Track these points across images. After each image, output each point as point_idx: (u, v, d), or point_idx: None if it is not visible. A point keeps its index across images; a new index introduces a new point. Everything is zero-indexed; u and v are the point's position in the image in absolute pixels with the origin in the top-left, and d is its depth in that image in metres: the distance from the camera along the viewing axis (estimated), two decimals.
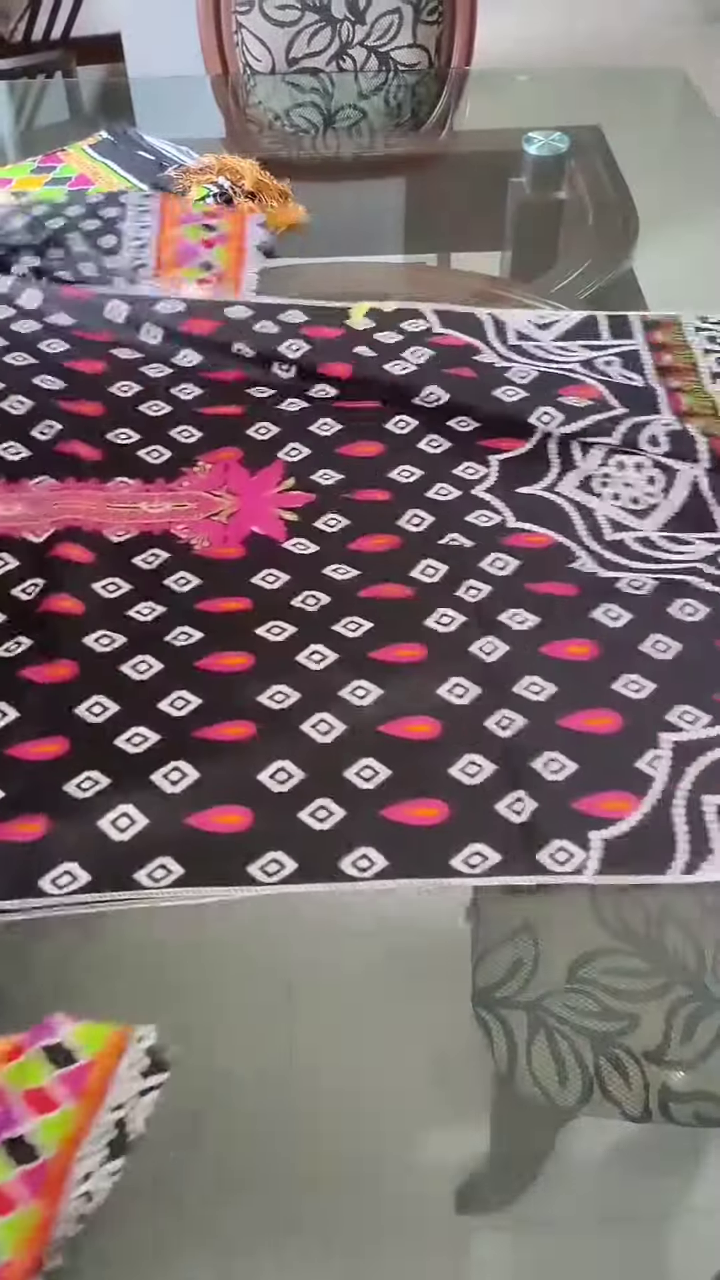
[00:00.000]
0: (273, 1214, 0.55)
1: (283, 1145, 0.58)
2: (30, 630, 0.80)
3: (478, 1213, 0.58)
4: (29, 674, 0.76)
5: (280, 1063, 0.61)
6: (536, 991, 0.62)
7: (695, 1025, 0.61)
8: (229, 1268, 0.55)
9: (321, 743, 0.73)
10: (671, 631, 0.80)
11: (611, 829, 0.69)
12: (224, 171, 1.30)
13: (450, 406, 0.99)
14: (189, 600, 0.83)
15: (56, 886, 0.65)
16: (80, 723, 0.74)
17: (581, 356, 1.06)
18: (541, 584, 0.84)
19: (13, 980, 0.65)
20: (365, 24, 1.67)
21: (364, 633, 0.81)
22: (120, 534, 0.88)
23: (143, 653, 0.79)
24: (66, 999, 0.64)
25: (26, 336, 1.07)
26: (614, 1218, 0.56)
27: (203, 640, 0.80)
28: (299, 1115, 0.59)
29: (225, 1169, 0.58)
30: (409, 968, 0.66)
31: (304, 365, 1.02)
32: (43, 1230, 0.52)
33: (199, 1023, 0.63)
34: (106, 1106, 0.55)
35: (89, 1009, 0.61)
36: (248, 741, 0.73)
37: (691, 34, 3.25)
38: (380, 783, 0.71)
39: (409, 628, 0.81)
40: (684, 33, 3.24)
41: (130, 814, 0.69)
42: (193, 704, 0.75)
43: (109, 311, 1.08)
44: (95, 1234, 0.54)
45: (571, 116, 1.46)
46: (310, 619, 0.82)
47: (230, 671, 0.78)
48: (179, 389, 1.02)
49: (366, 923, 0.64)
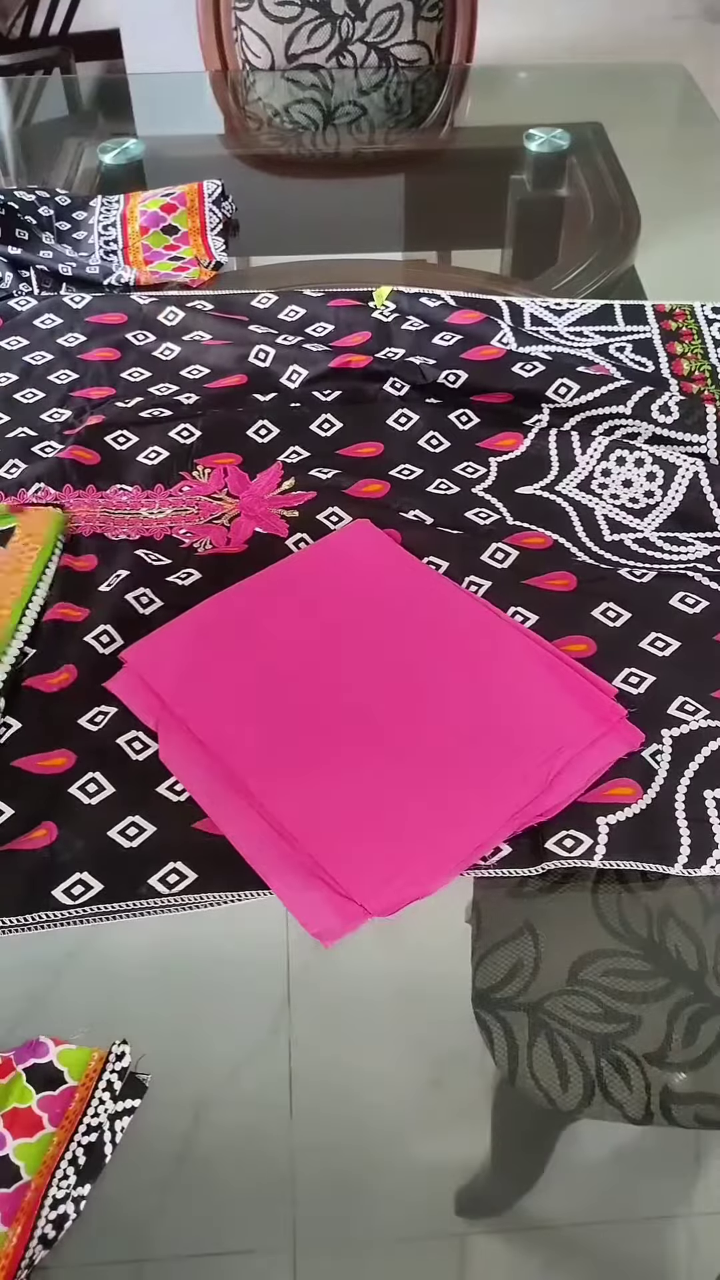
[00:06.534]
0: (273, 1215, 0.55)
1: (283, 1146, 0.58)
2: (33, 640, 0.80)
3: (478, 1214, 0.57)
4: (34, 684, 0.76)
5: (280, 1064, 0.61)
6: (537, 993, 0.62)
7: (697, 1027, 0.61)
8: (230, 1268, 0.55)
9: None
10: (671, 629, 0.80)
11: (618, 814, 0.69)
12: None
13: (467, 387, 0.99)
14: (191, 595, 0.83)
15: (70, 896, 0.65)
16: (83, 731, 0.74)
17: (595, 342, 1.06)
18: (540, 581, 0.84)
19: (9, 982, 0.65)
20: (365, 20, 1.67)
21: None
22: (121, 539, 0.88)
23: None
24: (65, 1003, 0.64)
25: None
26: (614, 1219, 0.56)
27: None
28: (299, 1116, 0.59)
29: (225, 1170, 0.58)
30: (409, 969, 0.66)
31: (328, 343, 1.05)
32: (14, 1255, 0.52)
33: (199, 1024, 0.63)
34: (79, 1131, 0.55)
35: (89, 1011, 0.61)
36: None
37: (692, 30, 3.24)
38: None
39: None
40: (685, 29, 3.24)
41: (139, 823, 0.69)
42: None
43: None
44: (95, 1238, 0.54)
45: (572, 113, 1.46)
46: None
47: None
48: (183, 396, 1.02)
49: (366, 924, 0.64)
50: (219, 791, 0.70)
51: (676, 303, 1.12)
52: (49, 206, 1.21)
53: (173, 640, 0.78)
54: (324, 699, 0.74)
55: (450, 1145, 0.60)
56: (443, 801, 0.68)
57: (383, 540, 0.86)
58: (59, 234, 1.20)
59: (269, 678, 0.76)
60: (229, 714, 0.73)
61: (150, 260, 1.19)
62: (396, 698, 0.74)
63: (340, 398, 1.01)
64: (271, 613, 0.80)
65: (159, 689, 0.75)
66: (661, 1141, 0.59)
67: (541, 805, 0.68)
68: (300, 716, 0.73)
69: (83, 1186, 0.54)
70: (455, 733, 0.72)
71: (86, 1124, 0.56)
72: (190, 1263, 0.54)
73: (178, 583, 0.84)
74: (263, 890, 0.66)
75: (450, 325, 1.05)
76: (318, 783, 0.69)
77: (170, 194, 1.24)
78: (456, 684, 0.75)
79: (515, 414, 0.98)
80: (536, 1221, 0.57)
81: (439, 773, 0.70)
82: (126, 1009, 0.63)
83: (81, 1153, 0.55)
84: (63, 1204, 0.53)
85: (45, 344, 1.07)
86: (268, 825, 0.67)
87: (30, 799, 0.70)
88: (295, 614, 0.80)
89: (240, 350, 1.04)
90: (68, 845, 0.67)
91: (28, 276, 1.15)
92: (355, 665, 0.76)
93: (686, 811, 0.69)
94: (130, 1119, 0.57)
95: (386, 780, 0.69)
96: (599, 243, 1.25)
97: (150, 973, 0.66)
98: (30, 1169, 0.54)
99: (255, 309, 1.11)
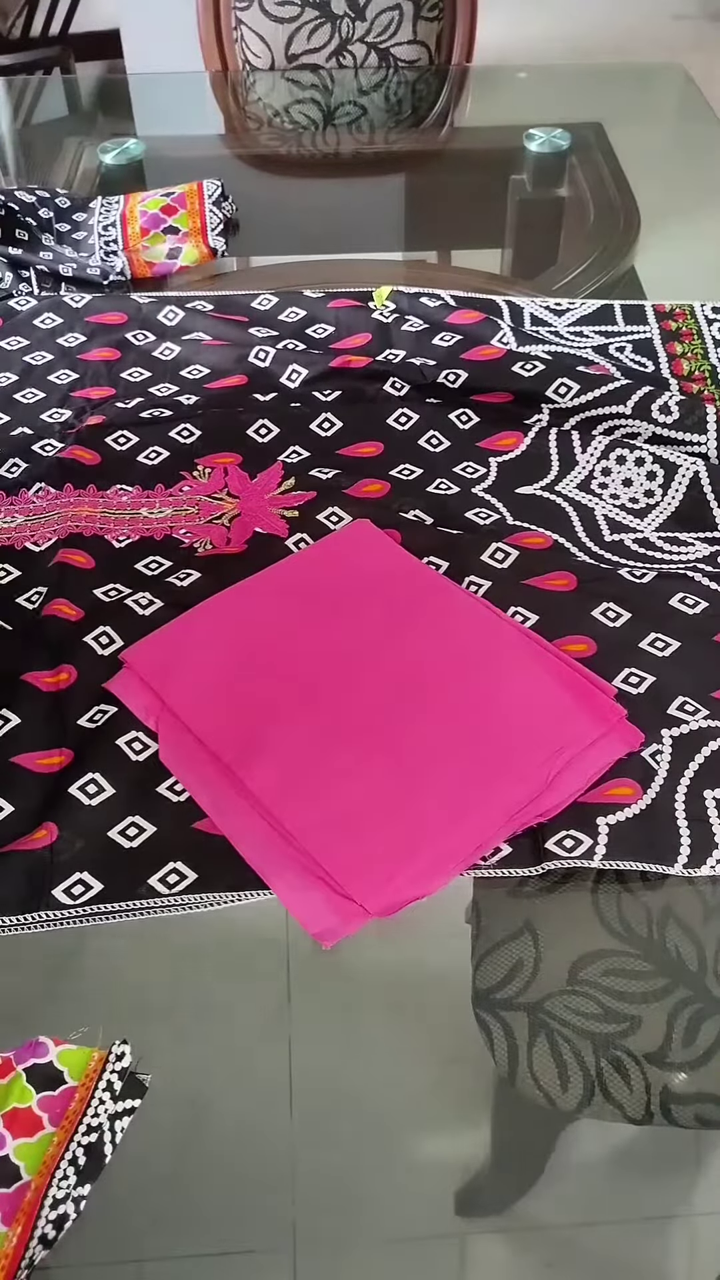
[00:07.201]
0: (273, 1215, 0.55)
1: (283, 1146, 0.58)
2: (34, 638, 0.80)
3: (478, 1214, 0.57)
4: (31, 679, 0.76)
5: (280, 1064, 0.61)
6: (537, 993, 0.62)
7: (697, 1027, 0.61)
8: (230, 1268, 0.55)
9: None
10: (671, 629, 0.80)
11: (618, 814, 0.69)
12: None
13: (467, 386, 0.99)
14: (191, 595, 0.83)
15: (70, 896, 0.65)
16: (82, 731, 0.74)
17: (595, 342, 1.06)
18: (540, 581, 0.84)
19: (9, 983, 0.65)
20: (365, 20, 1.67)
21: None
22: (122, 539, 0.88)
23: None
24: (65, 1003, 0.64)
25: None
26: (614, 1219, 0.56)
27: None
28: (299, 1116, 0.59)
29: (225, 1170, 0.58)
30: (409, 969, 0.66)
31: (327, 345, 1.04)
32: (14, 1255, 0.52)
33: (199, 1024, 0.63)
34: (79, 1131, 0.55)
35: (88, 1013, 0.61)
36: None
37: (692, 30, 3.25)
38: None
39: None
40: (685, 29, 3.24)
41: (139, 823, 0.69)
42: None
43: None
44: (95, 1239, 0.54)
45: (572, 113, 1.45)
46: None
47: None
48: (183, 396, 1.02)
49: (366, 924, 0.64)
50: (219, 791, 0.70)
51: (676, 303, 1.12)
52: (49, 208, 1.21)
53: (173, 641, 0.78)
54: (324, 699, 0.74)
55: (450, 1145, 0.60)
56: (443, 801, 0.68)
57: (383, 540, 0.86)
58: (59, 235, 1.20)
59: (269, 678, 0.75)
60: (229, 714, 0.73)
61: (151, 264, 1.19)
62: (396, 698, 0.74)
63: (340, 397, 1.01)
64: (271, 613, 0.80)
65: (159, 689, 0.75)
66: (661, 1141, 0.59)
67: (541, 805, 0.68)
68: (300, 717, 0.73)
69: (83, 1186, 0.54)
70: (455, 733, 0.72)
71: (86, 1124, 0.56)
72: (190, 1263, 0.54)
73: (177, 583, 0.84)
74: (263, 890, 0.66)
75: (450, 325, 1.05)
76: (317, 783, 0.69)
77: (170, 194, 1.24)
78: (456, 684, 0.75)
79: (515, 414, 0.98)
80: (536, 1221, 0.57)
81: (439, 773, 0.70)
82: (126, 1009, 0.63)
83: (81, 1153, 0.55)
84: (63, 1204, 0.53)
85: (45, 344, 1.07)
86: (268, 825, 0.67)
87: (29, 796, 0.70)
88: (295, 614, 0.80)
89: (240, 350, 1.04)
90: (68, 845, 0.67)
91: (28, 276, 1.15)
92: (355, 666, 0.76)
93: (686, 811, 0.69)
94: (130, 1119, 0.57)
95: (387, 780, 0.69)
96: (599, 243, 1.25)
97: (150, 973, 0.66)
98: (30, 1169, 0.54)
99: (255, 310, 1.11)
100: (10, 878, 0.66)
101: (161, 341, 1.07)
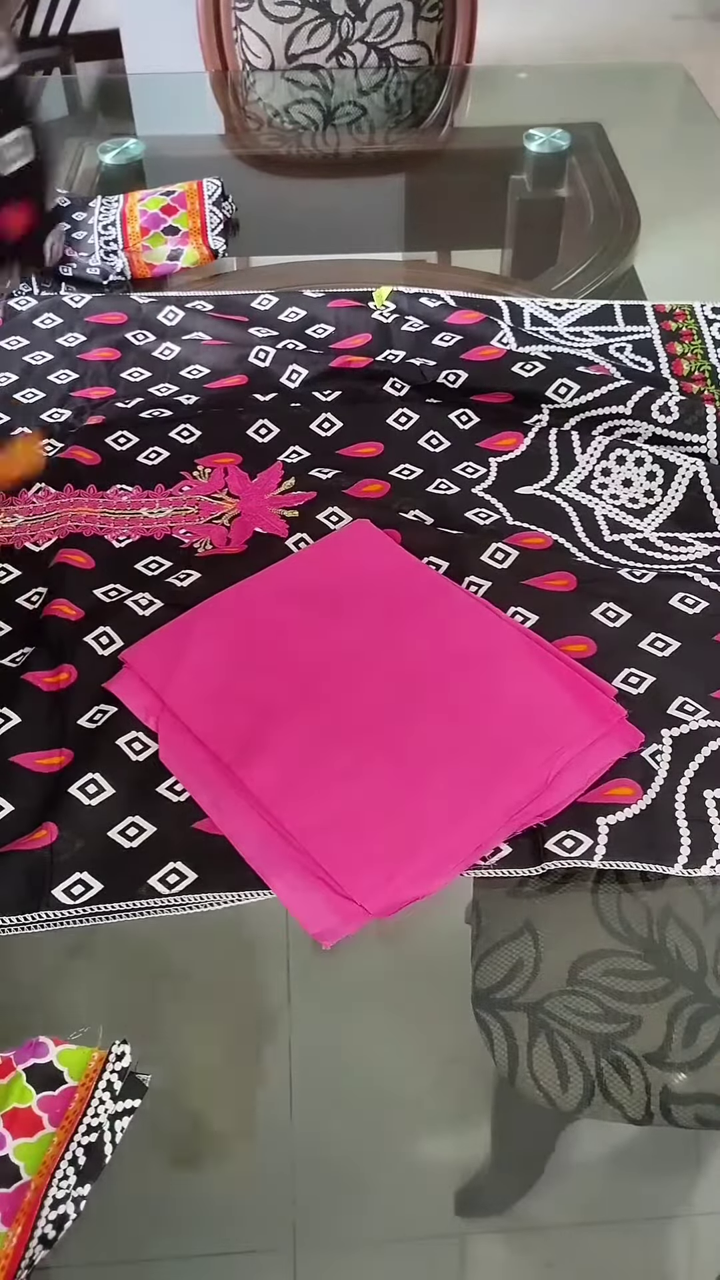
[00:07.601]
0: (274, 1215, 0.55)
1: (283, 1146, 0.58)
2: (33, 638, 0.80)
3: (478, 1214, 0.57)
4: (31, 679, 0.76)
5: (280, 1064, 0.61)
6: (537, 993, 0.62)
7: (697, 1027, 0.61)
8: (230, 1269, 0.55)
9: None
10: (671, 629, 0.80)
11: (618, 814, 0.69)
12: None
13: (467, 387, 0.99)
14: (191, 595, 0.83)
15: (70, 896, 0.65)
16: (82, 731, 0.74)
17: (595, 343, 1.06)
18: (540, 581, 0.84)
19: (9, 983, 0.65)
20: (365, 20, 1.67)
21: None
22: (122, 539, 0.88)
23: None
24: (64, 1003, 0.64)
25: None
26: (614, 1219, 0.56)
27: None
28: (299, 1116, 0.59)
29: (225, 1170, 0.58)
30: (409, 969, 0.66)
31: (327, 345, 1.05)
32: (14, 1255, 0.52)
33: (199, 1024, 0.63)
34: (79, 1131, 0.55)
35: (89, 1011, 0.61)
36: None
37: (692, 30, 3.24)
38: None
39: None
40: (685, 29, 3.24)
41: (139, 823, 0.69)
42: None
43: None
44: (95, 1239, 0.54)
45: (572, 113, 1.45)
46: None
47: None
48: (183, 396, 1.02)
49: (366, 924, 0.64)
50: (219, 791, 0.70)
51: (676, 303, 1.12)
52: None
53: (173, 641, 0.78)
54: (324, 699, 0.74)
55: (450, 1145, 0.60)
56: (443, 802, 0.68)
57: (383, 540, 0.86)
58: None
59: (269, 678, 0.75)
60: (229, 714, 0.73)
61: (151, 265, 1.19)
62: (396, 698, 0.74)
63: (340, 398, 1.01)
64: (271, 613, 0.80)
65: (159, 689, 0.75)
66: (661, 1141, 0.59)
67: (541, 805, 0.68)
68: (300, 717, 0.73)
69: (83, 1186, 0.54)
70: (455, 733, 0.72)
71: (86, 1124, 0.56)
72: (190, 1263, 0.54)
73: (177, 583, 0.84)
74: (263, 890, 0.66)
75: (450, 325, 1.05)
76: (317, 783, 0.69)
77: (170, 193, 1.24)
78: (456, 684, 0.75)
79: (515, 414, 0.98)
80: (536, 1221, 0.57)
81: (439, 773, 0.70)
82: (126, 1009, 0.63)
83: (81, 1153, 0.55)
84: (63, 1204, 0.53)
85: (45, 344, 1.07)
86: (268, 825, 0.67)
87: (29, 796, 0.70)
88: (295, 614, 0.80)
89: (240, 350, 1.04)
90: (68, 845, 0.67)
91: (28, 276, 1.15)
92: (355, 665, 0.76)
93: (686, 811, 0.69)
94: (130, 1119, 0.57)
95: (387, 780, 0.69)
96: (599, 243, 1.25)
97: (150, 973, 0.66)
98: (30, 1169, 0.54)
99: (255, 310, 1.11)
100: (10, 878, 0.66)
101: (161, 341, 1.07)
